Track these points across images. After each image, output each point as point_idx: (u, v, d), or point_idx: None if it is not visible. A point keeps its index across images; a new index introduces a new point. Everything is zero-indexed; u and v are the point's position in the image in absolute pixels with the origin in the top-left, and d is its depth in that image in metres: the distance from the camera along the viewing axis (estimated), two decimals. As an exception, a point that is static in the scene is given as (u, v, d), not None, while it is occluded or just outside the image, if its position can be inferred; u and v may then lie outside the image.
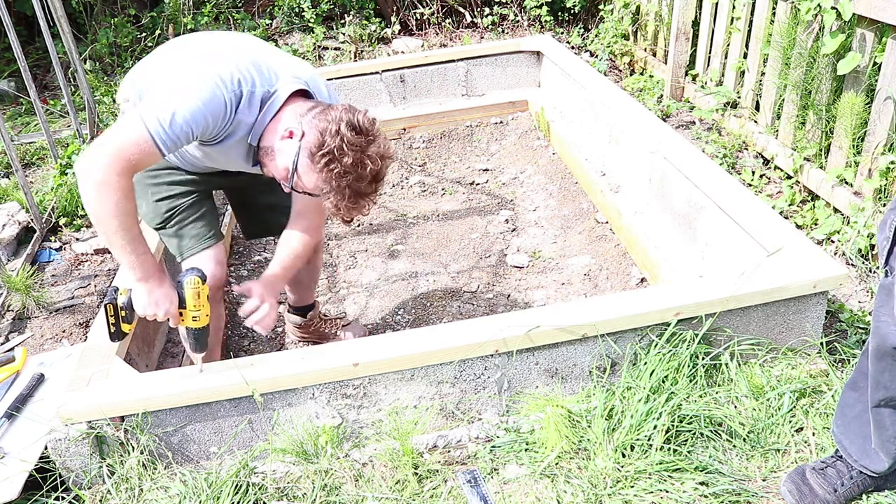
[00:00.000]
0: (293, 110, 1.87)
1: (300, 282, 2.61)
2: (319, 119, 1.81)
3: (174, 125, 1.73)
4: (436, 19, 5.65)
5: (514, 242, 3.34)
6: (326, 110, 1.83)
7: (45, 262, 3.32)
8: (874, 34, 2.65)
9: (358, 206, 1.84)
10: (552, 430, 1.97)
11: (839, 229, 2.80)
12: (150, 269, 1.90)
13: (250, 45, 2.01)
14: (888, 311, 1.55)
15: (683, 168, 2.78)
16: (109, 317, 1.96)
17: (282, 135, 1.85)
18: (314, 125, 1.80)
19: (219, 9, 5.53)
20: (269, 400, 2.02)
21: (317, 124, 1.80)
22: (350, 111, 1.82)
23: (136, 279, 1.90)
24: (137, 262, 1.86)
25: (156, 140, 1.73)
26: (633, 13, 4.69)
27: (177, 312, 1.95)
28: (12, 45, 3.38)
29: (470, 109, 4.46)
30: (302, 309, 2.69)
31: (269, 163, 1.91)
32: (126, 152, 1.73)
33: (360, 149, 1.78)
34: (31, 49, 5.59)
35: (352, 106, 1.86)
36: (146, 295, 1.91)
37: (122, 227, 1.79)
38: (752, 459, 1.97)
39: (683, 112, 4.08)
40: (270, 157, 1.90)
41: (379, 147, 1.82)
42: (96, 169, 1.72)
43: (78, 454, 1.98)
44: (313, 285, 2.67)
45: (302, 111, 1.86)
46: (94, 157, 1.73)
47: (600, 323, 2.05)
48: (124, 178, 1.74)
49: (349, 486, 1.96)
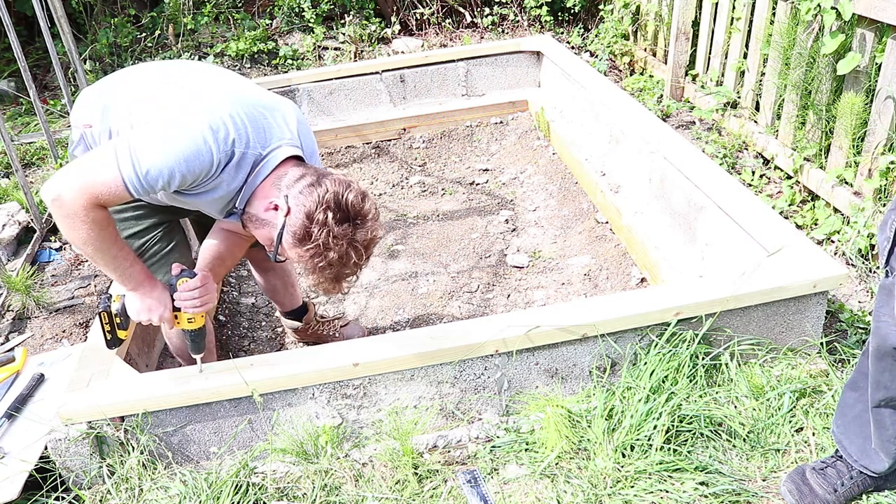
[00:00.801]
0: (281, 178, 1.78)
1: (275, 288, 2.57)
2: (307, 196, 1.71)
3: (150, 176, 1.66)
4: (436, 19, 5.65)
5: (514, 242, 3.34)
6: (315, 185, 1.72)
7: (45, 262, 3.32)
8: (874, 34, 2.65)
9: (338, 287, 1.80)
10: (552, 430, 1.97)
11: (839, 229, 2.80)
12: (139, 278, 1.87)
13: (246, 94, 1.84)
14: (888, 312, 1.55)
15: (683, 168, 2.78)
16: (104, 324, 1.96)
17: (266, 206, 1.77)
18: (301, 204, 1.71)
19: (219, 9, 5.53)
20: (269, 400, 2.02)
21: (304, 203, 1.70)
22: (342, 187, 1.72)
23: (127, 290, 1.89)
24: (124, 276, 1.84)
25: (128, 186, 1.66)
26: (633, 13, 4.69)
27: (171, 316, 1.93)
28: (12, 45, 3.38)
29: (470, 109, 4.46)
30: (294, 313, 2.68)
31: (254, 229, 1.85)
32: (95, 190, 1.66)
33: (348, 240, 1.71)
34: (31, 49, 5.59)
35: (343, 179, 1.75)
36: (138, 301, 1.89)
37: (98, 251, 1.75)
38: (752, 459, 1.97)
39: (683, 112, 4.08)
40: (255, 225, 1.84)
41: (367, 233, 1.75)
42: (64, 200, 1.65)
43: (78, 454, 1.98)
44: (291, 289, 2.62)
45: (290, 181, 1.76)
46: (62, 187, 1.65)
47: (600, 323, 2.05)
48: (94, 211, 1.68)
49: (349, 486, 1.96)
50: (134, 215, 2.08)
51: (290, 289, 2.61)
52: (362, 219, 1.74)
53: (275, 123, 1.83)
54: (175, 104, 1.77)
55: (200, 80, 1.88)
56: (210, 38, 5.44)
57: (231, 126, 1.72)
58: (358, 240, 1.73)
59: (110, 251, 1.78)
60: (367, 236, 1.75)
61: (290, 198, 1.73)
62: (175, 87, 1.84)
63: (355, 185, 1.76)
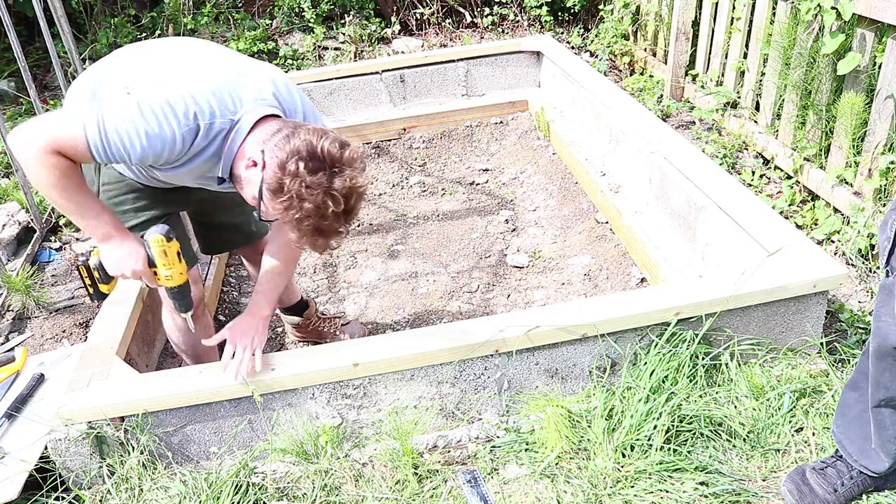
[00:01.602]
0: (257, 137, 1.76)
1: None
2: (280, 149, 1.67)
3: (112, 145, 1.68)
4: (436, 19, 5.65)
5: (514, 242, 3.34)
6: (290, 136, 1.68)
7: (45, 262, 3.32)
8: (874, 34, 2.65)
9: (323, 244, 1.72)
10: (552, 430, 1.97)
11: (839, 229, 2.80)
12: (108, 230, 1.86)
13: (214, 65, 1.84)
14: (889, 312, 1.55)
15: (683, 168, 2.78)
16: (84, 278, 1.96)
17: (247, 164, 1.76)
18: (275, 157, 1.67)
19: (219, 9, 5.53)
20: (269, 400, 2.02)
21: (277, 156, 1.67)
22: (316, 136, 1.66)
23: (97, 242, 1.89)
24: (91, 226, 1.84)
25: (91, 149, 1.69)
26: (633, 13, 4.69)
27: (149, 272, 1.91)
28: (12, 45, 3.38)
29: (470, 109, 4.46)
30: (294, 308, 2.68)
31: (241, 190, 1.85)
32: (60, 142, 1.69)
33: (323, 189, 1.63)
34: (31, 49, 5.59)
35: (320, 128, 1.71)
36: (110, 255, 1.89)
37: (63, 196, 1.76)
38: (752, 459, 1.97)
39: (683, 112, 4.08)
40: (241, 186, 1.83)
41: (346, 180, 1.66)
42: (30, 147, 1.69)
43: (78, 454, 1.98)
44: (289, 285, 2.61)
45: (266, 136, 1.74)
46: (29, 135, 1.69)
47: (600, 323, 2.05)
48: (59, 159, 1.71)
49: (349, 486, 1.96)
50: (133, 207, 2.08)
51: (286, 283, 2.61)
52: (339, 166, 1.65)
53: (247, 88, 1.80)
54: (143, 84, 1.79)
55: (171, 58, 1.87)
56: (210, 38, 5.44)
57: (191, 101, 1.71)
58: (336, 188, 1.64)
59: (75, 198, 1.79)
60: (345, 184, 1.65)
61: (266, 152, 1.71)
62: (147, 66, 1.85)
63: (333, 134, 1.69)
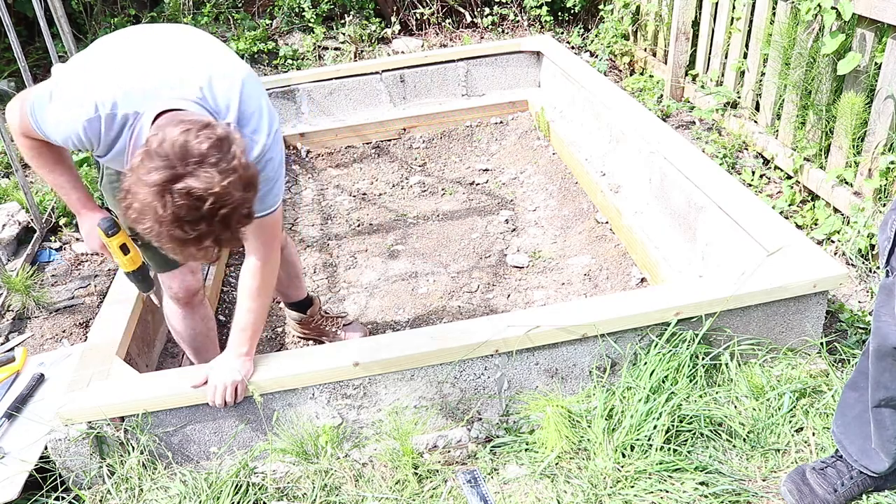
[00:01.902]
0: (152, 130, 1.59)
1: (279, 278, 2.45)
2: (141, 150, 1.45)
3: (41, 129, 1.73)
4: (436, 19, 5.65)
5: (514, 242, 3.34)
6: (161, 128, 1.46)
7: (45, 262, 3.32)
8: (874, 34, 2.65)
9: (181, 253, 1.47)
10: (552, 430, 1.97)
11: (839, 229, 2.80)
12: (76, 207, 2.01)
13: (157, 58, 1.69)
14: (889, 312, 1.55)
15: (683, 168, 2.78)
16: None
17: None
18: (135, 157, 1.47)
19: (219, 9, 5.53)
20: (269, 400, 2.02)
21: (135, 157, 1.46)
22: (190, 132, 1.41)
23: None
24: (66, 201, 2.00)
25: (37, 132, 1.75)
26: (633, 13, 4.69)
27: (107, 252, 2.02)
28: (12, 45, 3.38)
29: (470, 109, 4.46)
30: (298, 304, 2.68)
31: None
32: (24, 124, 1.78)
33: (158, 187, 1.37)
34: (31, 49, 5.59)
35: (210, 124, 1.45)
36: (81, 229, 2.05)
37: (40, 172, 1.91)
38: (752, 459, 1.97)
39: (683, 112, 4.08)
40: None
41: (194, 181, 1.37)
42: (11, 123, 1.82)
43: (78, 454, 1.98)
44: (296, 280, 2.60)
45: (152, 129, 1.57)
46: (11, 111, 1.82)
47: (600, 323, 2.05)
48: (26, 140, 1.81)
49: (349, 486, 1.96)
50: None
51: (294, 280, 2.60)
52: (194, 166, 1.38)
53: (171, 83, 1.64)
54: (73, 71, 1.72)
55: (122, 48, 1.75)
56: (210, 38, 5.43)
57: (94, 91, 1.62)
58: (175, 188, 1.36)
59: (48, 175, 1.93)
60: (188, 186, 1.36)
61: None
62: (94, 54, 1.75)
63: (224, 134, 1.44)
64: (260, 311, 2.00)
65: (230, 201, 1.41)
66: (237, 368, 1.96)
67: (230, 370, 1.96)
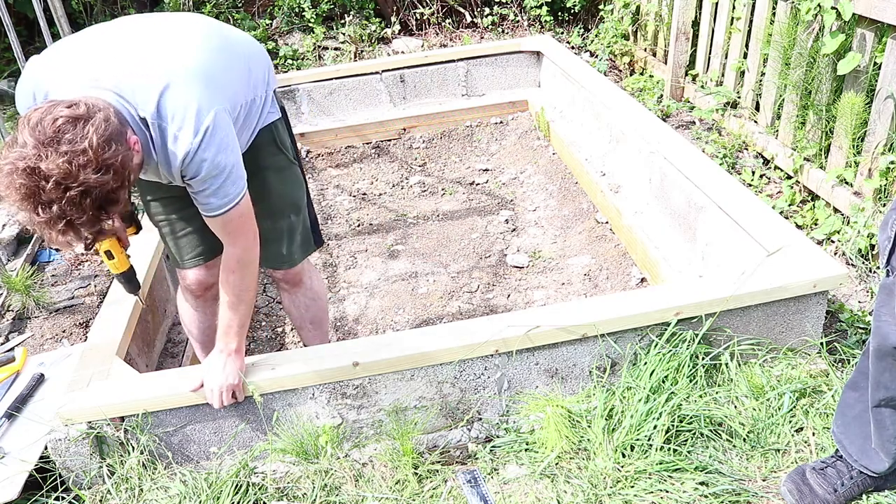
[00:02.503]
0: None
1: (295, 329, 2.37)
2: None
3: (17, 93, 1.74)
4: (436, 19, 5.65)
5: (514, 242, 3.34)
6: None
7: (45, 262, 3.32)
8: (874, 34, 2.65)
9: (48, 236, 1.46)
10: (552, 430, 1.97)
11: (839, 229, 2.80)
12: None
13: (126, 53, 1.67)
14: (889, 311, 1.55)
15: (683, 168, 2.78)
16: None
17: None
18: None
19: (219, 9, 5.53)
20: (269, 400, 2.02)
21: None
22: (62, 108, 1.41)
23: None
24: None
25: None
26: (633, 13, 4.69)
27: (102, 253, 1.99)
28: (12, 45, 3.38)
29: (470, 109, 4.46)
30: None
31: None
32: None
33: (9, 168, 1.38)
34: (31, 49, 5.59)
35: (66, 100, 1.45)
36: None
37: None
38: (752, 459, 1.97)
39: (683, 112, 4.07)
40: None
41: (17, 156, 1.37)
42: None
43: (78, 454, 1.98)
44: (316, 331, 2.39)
45: None
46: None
47: (600, 323, 2.05)
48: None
49: (349, 486, 1.96)
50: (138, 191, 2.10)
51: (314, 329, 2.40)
52: (44, 144, 1.38)
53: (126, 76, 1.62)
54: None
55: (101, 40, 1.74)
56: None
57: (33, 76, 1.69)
58: (20, 170, 1.37)
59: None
60: (31, 165, 1.36)
61: None
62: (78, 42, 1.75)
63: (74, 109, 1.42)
64: (238, 304, 1.91)
65: (77, 183, 1.38)
66: (229, 370, 1.93)
67: (222, 373, 1.93)
